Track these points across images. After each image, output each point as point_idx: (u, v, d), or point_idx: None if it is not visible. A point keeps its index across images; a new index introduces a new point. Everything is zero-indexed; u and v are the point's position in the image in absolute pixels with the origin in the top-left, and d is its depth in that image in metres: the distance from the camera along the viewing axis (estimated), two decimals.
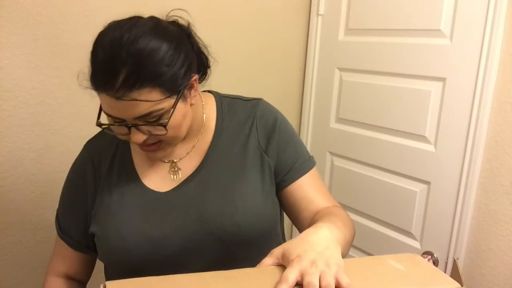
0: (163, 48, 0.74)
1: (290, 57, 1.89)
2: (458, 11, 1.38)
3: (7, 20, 1.22)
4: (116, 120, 0.77)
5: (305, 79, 1.92)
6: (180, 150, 0.90)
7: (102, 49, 0.74)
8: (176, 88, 0.76)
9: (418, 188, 1.53)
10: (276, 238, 0.95)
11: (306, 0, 1.86)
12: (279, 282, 0.62)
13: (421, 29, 1.48)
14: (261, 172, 0.90)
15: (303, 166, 0.93)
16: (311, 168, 0.94)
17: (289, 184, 0.91)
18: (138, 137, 0.77)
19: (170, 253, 0.84)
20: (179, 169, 0.90)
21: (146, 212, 0.86)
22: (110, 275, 0.94)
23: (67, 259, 0.97)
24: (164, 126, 0.76)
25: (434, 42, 1.44)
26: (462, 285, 0.66)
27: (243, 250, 0.85)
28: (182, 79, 0.77)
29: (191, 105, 0.83)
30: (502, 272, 1.35)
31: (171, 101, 0.76)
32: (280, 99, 1.79)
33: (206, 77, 0.91)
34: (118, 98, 0.72)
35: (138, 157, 0.91)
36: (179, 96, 0.77)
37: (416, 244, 1.56)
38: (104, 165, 0.91)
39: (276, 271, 0.67)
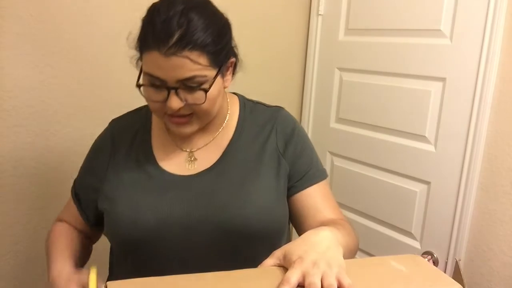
0: (216, 21, 0.81)
1: (290, 57, 1.89)
2: (458, 11, 1.38)
3: (7, 20, 1.22)
4: (157, 83, 0.79)
5: (305, 79, 1.92)
6: (199, 141, 0.93)
7: (158, 14, 0.78)
8: (219, 61, 0.81)
9: (418, 188, 1.53)
10: (282, 241, 0.95)
11: (306, 0, 1.86)
12: (281, 283, 0.62)
13: (421, 29, 1.48)
14: (277, 172, 0.92)
15: (315, 175, 0.95)
16: (323, 179, 0.96)
17: (299, 191, 0.93)
18: (176, 102, 0.79)
19: (175, 235, 0.85)
20: (195, 159, 0.92)
21: (158, 191, 0.88)
22: (115, 258, 0.98)
23: (77, 220, 1.01)
24: (206, 91, 0.79)
25: (434, 42, 1.44)
26: (464, 286, 0.66)
27: (248, 246, 0.86)
28: (225, 56, 0.83)
29: (224, 87, 0.87)
30: (502, 272, 1.35)
31: (213, 72, 0.80)
32: (280, 99, 1.79)
33: (234, 74, 0.95)
34: (170, 55, 0.75)
35: (157, 143, 0.94)
36: (220, 70, 0.82)
37: (416, 244, 1.56)
38: (124, 143, 0.95)
39: (277, 272, 0.67)
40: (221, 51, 0.81)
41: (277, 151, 0.93)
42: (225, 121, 0.95)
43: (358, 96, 1.70)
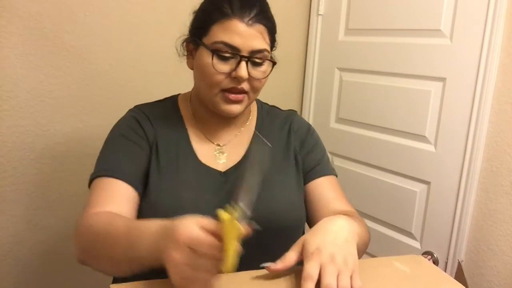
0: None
1: (290, 57, 1.89)
2: (458, 11, 1.38)
3: (7, 20, 1.22)
4: (229, 52, 0.84)
5: (305, 79, 1.92)
6: (225, 135, 0.97)
7: None
8: (273, 47, 0.92)
9: (418, 188, 1.53)
10: (299, 236, 0.97)
11: (306, 0, 1.86)
12: (303, 279, 0.64)
13: (421, 29, 1.48)
14: (297, 172, 0.97)
15: (325, 168, 1.00)
16: (331, 174, 1.00)
17: (309, 181, 0.98)
18: (245, 71, 0.84)
19: None
20: (223, 152, 0.96)
21: (197, 183, 0.90)
22: None
23: (114, 198, 0.83)
24: (274, 63, 0.89)
25: (434, 42, 1.44)
26: (466, 287, 0.67)
27: (269, 240, 0.86)
28: (274, 46, 0.93)
29: None
30: (502, 272, 1.35)
31: (271, 59, 0.90)
32: (280, 99, 1.79)
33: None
34: (252, 24, 0.84)
35: (191, 131, 0.96)
36: (271, 56, 0.91)
37: (416, 244, 1.56)
38: (161, 128, 0.94)
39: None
40: (275, 38, 0.93)
41: (295, 150, 0.99)
42: (248, 119, 1.00)
43: (358, 96, 1.70)
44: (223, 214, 0.57)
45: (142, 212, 0.87)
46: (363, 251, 0.85)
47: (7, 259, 1.34)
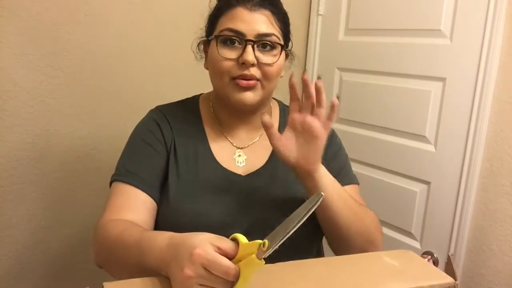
0: (282, 5, 0.92)
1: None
2: (458, 11, 1.38)
3: (7, 20, 1.22)
4: (235, 38, 0.85)
5: None
6: (246, 138, 0.96)
7: None
8: (287, 38, 0.93)
9: (418, 188, 1.53)
10: (318, 244, 0.97)
11: (306, 0, 1.86)
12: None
13: (421, 29, 1.48)
14: None
15: (347, 177, 0.98)
16: (353, 183, 0.99)
17: None
18: (251, 55, 0.84)
19: (231, 233, 0.84)
20: (243, 155, 0.94)
21: (218, 187, 0.89)
22: None
23: (132, 207, 0.85)
24: (282, 46, 0.88)
25: (434, 42, 1.44)
26: (456, 280, 0.67)
27: (290, 247, 0.86)
28: (288, 39, 0.93)
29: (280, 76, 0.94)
30: (502, 272, 1.35)
31: (282, 43, 0.89)
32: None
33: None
34: (255, 9, 0.85)
35: (210, 135, 0.95)
36: (286, 47, 0.91)
37: (416, 244, 1.56)
38: (180, 130, 0.94)
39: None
40: (288, 29, 0.92)
41: None
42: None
43: (358, 96, 1.70)
44: (241, 237, 0.58)
45: (162, 216, 0.87)
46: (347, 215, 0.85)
47: (7, 259, 1.34)
